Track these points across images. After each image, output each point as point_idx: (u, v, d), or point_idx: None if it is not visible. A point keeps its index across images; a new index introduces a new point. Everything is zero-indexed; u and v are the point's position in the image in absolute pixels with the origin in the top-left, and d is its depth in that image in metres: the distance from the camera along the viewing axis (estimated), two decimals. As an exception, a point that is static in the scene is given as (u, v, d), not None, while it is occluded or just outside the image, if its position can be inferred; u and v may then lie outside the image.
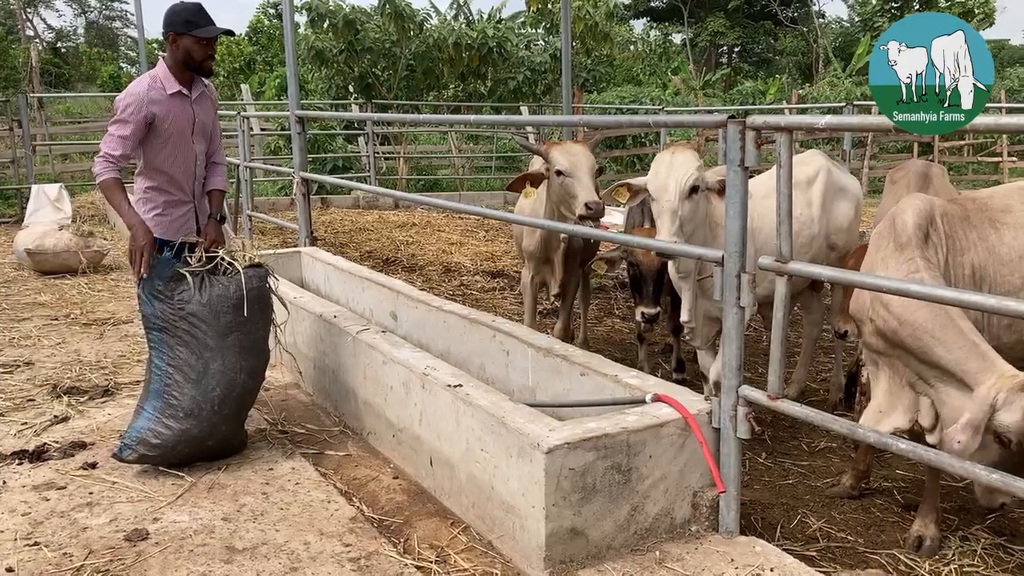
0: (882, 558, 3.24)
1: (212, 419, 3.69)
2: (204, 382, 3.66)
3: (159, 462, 3.68)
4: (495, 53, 16.17)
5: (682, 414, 3.07)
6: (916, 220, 3.12)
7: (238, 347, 3.72)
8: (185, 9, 3.76)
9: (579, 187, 4.16)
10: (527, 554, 2.94)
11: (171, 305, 3.62)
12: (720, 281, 3.00)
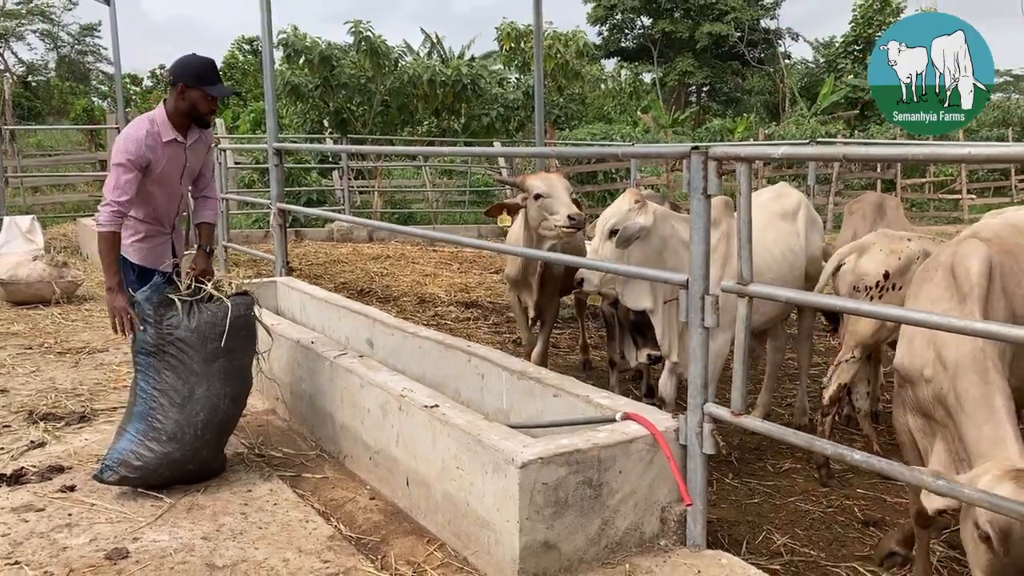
0: (843, 571, 3.37)
1: (194, 443, 3.75)
2: (188, 407, 3.72)
3: (139, 484, 3.73)
4: (469, 90, 16.48)
5: (650, 431, 3.20)
6: (981, 268, 2.85)
7: (223, 373, 3.80)
8: (200, 64, 3.86)
9: (558, 204, 4.36)
10: (501, 568, 3.03)
11: (159, 330, 3.70)
12: (686, 303, 3.15)
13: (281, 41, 15.69)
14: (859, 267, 4.17)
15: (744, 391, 3.08)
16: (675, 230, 3.77)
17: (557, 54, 16.99)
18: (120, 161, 3.77)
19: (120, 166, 3.76)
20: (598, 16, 44.14)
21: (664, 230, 3.76)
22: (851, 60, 36.06)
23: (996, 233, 3.19)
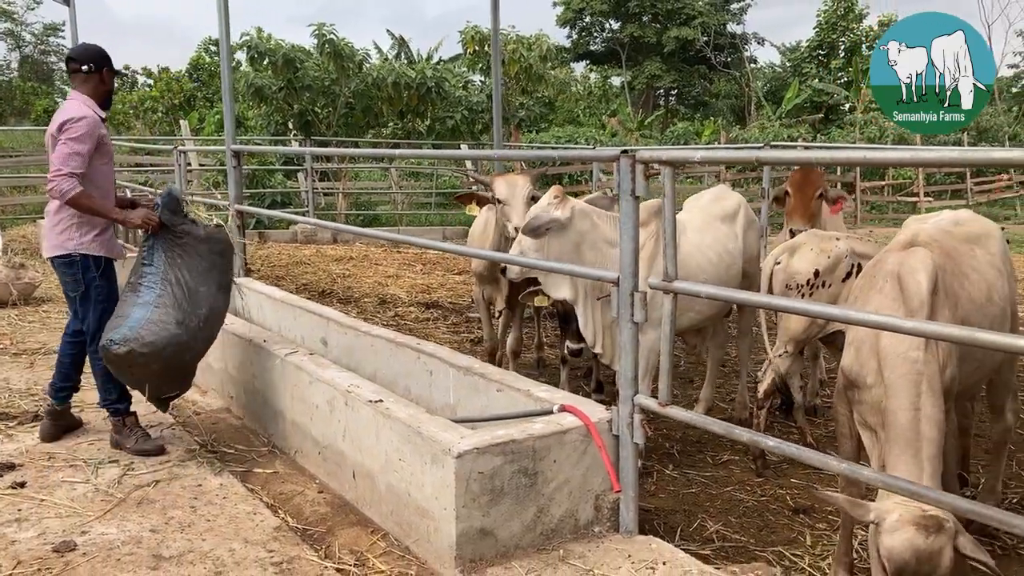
0: (769, 555, 3.54)
1: (196, 333, 4.14)
2: (194, 299, 4.13)
3: (142, 364, 3.98)
4: (433, 93, 16.59)
5: (584, 422, 3.34)
6: (929, 283, 2.91)
7: (217, 283, 4.29)
8: (104, 50, 4.36)
9: (513, 213, 4.50)
10: (440, 554, 3.15)
11: (174, 232, 4.17)
12: (616, 299, 3.30)
13: (244, 43, 15.69)
14: (791, 266, 4.36)
15: (669, 383, 3.23)
16: (596, 227, 3.93)
17: (520, 58, 17.15)
18: (79, 135, 4.01)
19: (78, 140, 4.01)
20: (567, 19, 44.43)
21: (582, 225, 3.91)
22: (816, 64, 36.66)
23: (933, 237, 3.32)
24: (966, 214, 3.74)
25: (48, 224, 4.28)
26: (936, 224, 3.59)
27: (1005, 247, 3.64)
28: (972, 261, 3.35)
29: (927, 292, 2.90)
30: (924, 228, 3.49)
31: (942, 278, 3.03)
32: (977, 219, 3.71)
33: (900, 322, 2.56)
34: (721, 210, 4.61)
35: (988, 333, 2.37)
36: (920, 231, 3.42)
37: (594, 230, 3.93)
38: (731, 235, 4.53)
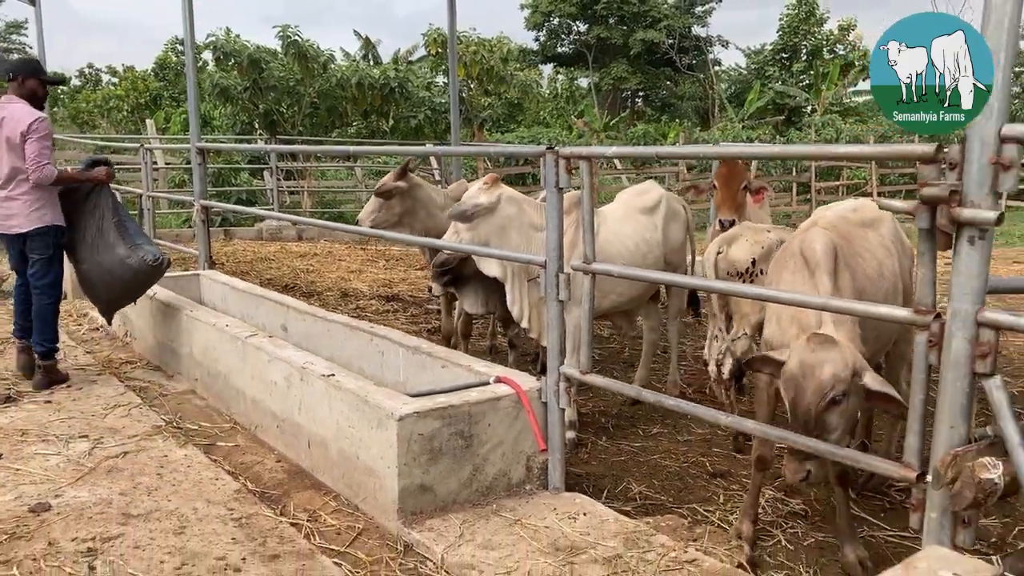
0: (684, 510, 3.93)
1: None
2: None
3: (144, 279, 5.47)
4: (397, 93, 16.92)
5: (515, 390, 3.71)
6: (825, 246, 3.34)
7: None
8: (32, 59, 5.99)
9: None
10: (384, 509, 3.51)
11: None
12: (544, 280, 3.68)
13: (209, 44, 15.89)
14: (730, 255, 4.77)
15: (589, 353, 3.62)
16: (523, 212, 4.32)
17: (481, 59, 17.52)
18: (45, 132, 5.06)
19: (46, 136, 5.06)
20: (535, 22, 44.83)
21: (509, 211, 4.29)
22: (778, 67, 37.43)
23: (832, 222, 3.76)
24: (863, 202, 4.20)
25: (21, 205, 5.14)
26: (836, 211, 4.05)
27: (897, 229, 4.09)
28: (865, 242, 3.79)
29: (823, 253, 3.31)
30: (825, 215, 3.95)
31: (841, 255, 3.44)
32: (872, 206, 4.16)
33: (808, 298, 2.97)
34: (642, 203, 5.01)
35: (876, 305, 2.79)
36: (821, 217, 3.88)
37: (521, 215, 4.32)
38: (650, 226, 4.93)
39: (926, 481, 2.44)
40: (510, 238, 4.31)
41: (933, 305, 2.45)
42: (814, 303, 2.99)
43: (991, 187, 2.26)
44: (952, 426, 2.38)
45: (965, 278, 2.32)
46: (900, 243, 4.06)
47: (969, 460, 2.30)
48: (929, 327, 2.42)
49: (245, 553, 3.22)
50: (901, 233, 4.13)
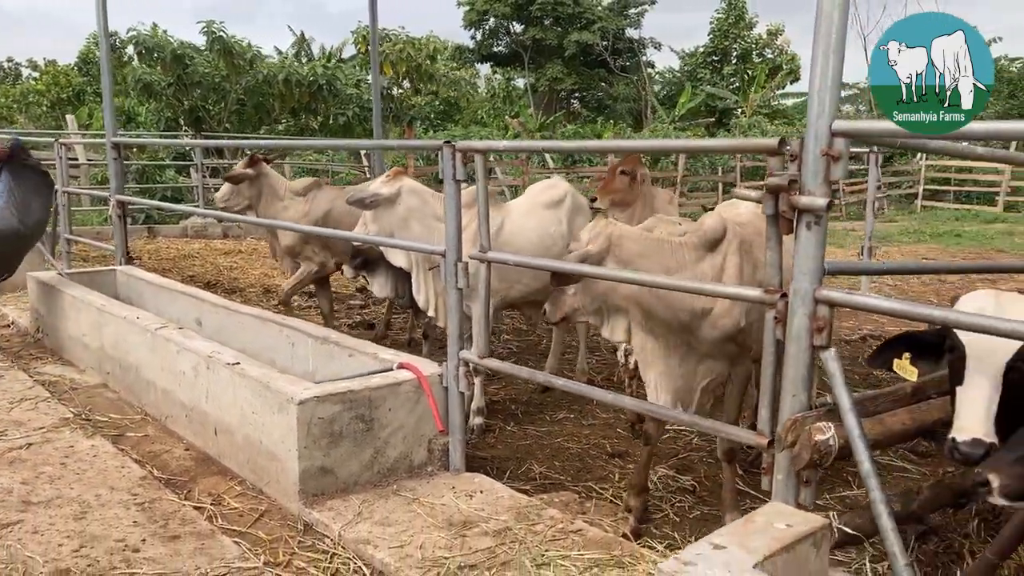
0: (580, 488, 4.13)
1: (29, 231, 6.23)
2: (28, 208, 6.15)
3: None
4: (325, 90, 16.87)
5: (416, 375, 3.86)
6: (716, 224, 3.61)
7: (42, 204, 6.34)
8: None
9: None
10: (286, 491, 3.62)
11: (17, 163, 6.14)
12: (444, 269, 3.83)
13: (131, 39, 15.60)
14: None
15: (487, 338, 3.79)
16: (426, 204, 4.52)
17: (408, 57, 17.60)
18: None
19: None
20: (472, 20, 44.91)
21: (410, 202, 4.49)
22: (709, 70, 38.28)
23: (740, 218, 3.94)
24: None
25: None
26: (748, 208, 4.31)
27: None
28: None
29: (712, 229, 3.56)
30: (738, 211, 4.20)
31: (747, 245, 3.66)
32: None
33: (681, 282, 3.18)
34: (548, 198, 5.22)
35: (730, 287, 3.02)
36: (734, 213, 4.11)
37: (423, 207, 4.50)
38: (555, 220, 5.14)
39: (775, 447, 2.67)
40: (412, 229, 4.47)
41: (780, 286, 2.68)
42: (689, 287, 3.20)
43: (824, 177, 2.50)
44: (795, 395, 2.62)
45: (803, 259, 2.56)
46: None
47: (807, 425, 2.54)
48: (776, 305, 2.65)
49: (146, 535, 3.29)
50: None
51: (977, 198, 24.88)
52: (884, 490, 2.45)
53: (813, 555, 2.33)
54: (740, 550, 2.19)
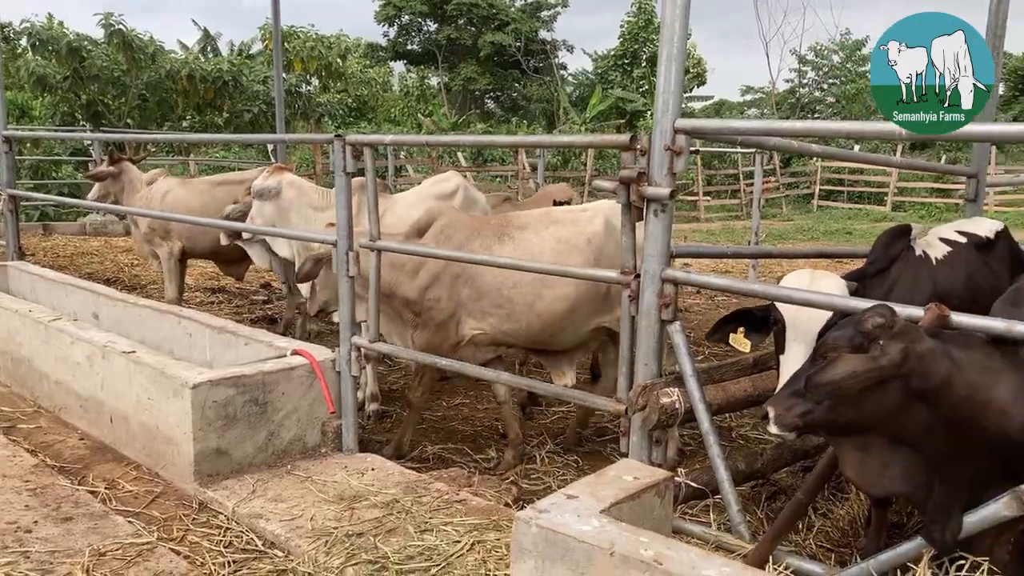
0: (466, 464, 4.37)
1: None
2: None
3: None
4: (231, 86, 16.65)
5: (309, 360, 4.02)
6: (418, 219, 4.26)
7: None
8: None
9: None
10: (182, 473, 3.73)
11: None
12: (336, 258, 4.01)
13: (25, 30, 15.07)
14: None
15: (377, 323, 3.99)
16: (303, 195, 4.73)
17: (319, 55, 17.54)
18: None
19: None
20: (385, 16, 44.66)
21: (289, 195, 4.68)
22: (620, 72, 39.11)
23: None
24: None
25: None
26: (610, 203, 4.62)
27: None
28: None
29: (419, 220, 4.21)
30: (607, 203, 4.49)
31: (449, 230, 4.16)
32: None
33: (527, 263, 3.46)
34: (438, 190, 5.45)
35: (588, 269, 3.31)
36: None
37: (301, 198, 4.68)
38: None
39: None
40: (291, 220, 4.68)
41: (634, 267, 2.98)
42: (534, 267, 3.49)
43: (668, 169, 2.80)
44: (646, 364, 2.91)
45: (652, 243, 2.86)
46: None
47: (655, 390, 2.84)
48: (630, 285, 2.94)
49: (38, 517, 3.36)
50: None
51: (868, 198, 26.29)
52: (721, 446, 2.77)
53: (658, 503, 2.62)
54: (590, 499, 2.46)
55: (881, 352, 2.06)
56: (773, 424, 2.20)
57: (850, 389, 2.07)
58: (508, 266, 3.72)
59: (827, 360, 2.12)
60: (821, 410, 2.15)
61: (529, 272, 3.81)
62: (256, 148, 18.55)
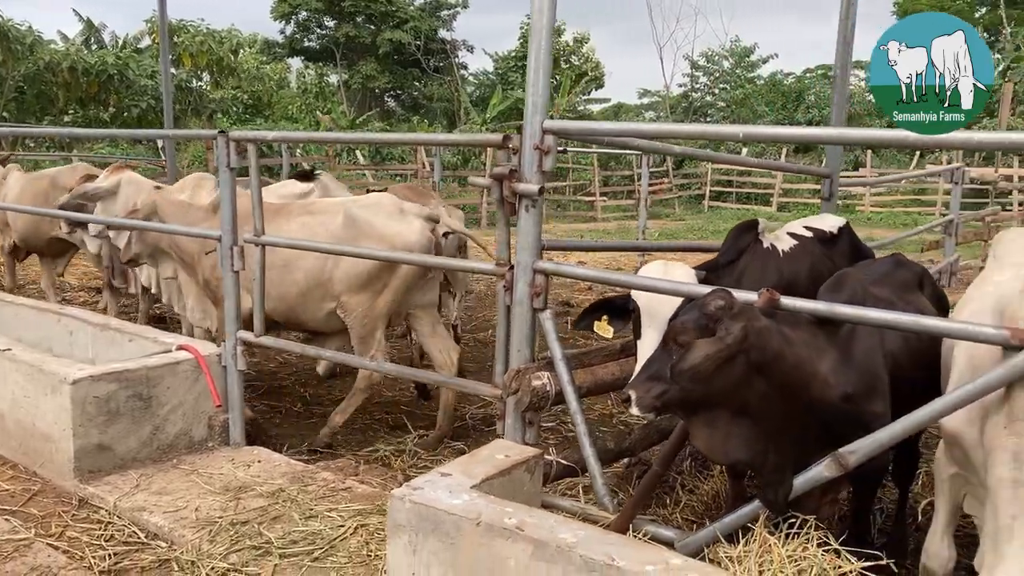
0: (358, 456, 4.46)
1: None
2: None
3: None
4: (117, 80, 16.05)
5: (194, 355, 4.04)
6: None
7: None
8: None
9: None
10: (61, 469, 3.69)
11: None
12: (220, 253, 4.03)
13: None
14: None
15: (263, 318, 4.04)
16: (141, 193, 4.85)
17: (209, 50, 17.11)
18: None
19: None
20: (281, 13, 43.79)
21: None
22: (520, 73, 39.49)
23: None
24: None
25: None
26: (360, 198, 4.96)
27: None
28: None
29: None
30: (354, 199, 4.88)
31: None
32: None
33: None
34: (289, 191, 5.57)
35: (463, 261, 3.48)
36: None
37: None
38: None
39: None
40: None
41: (508, 260, 3.15)
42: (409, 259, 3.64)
43: (538, 167, 2.99)
44: (519, 350, 3.09)
45: (524, 237, 3.04)
46: None
47: (527, 375, 3.02)
48: (505, 276, 3.12)
49: (-95, 518, 3.28)
50: None
51: (755, 199, 27.52)
52: (588, 424, 2.98)
53: (528, 479, 2.80)
54: (462, 476, 2.62)
55: (726, 332, 2.29)
56: (635, 406, 2.38)
57: (707, 370, 2.29)
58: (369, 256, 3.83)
59: (684, 349, 2.32)
60: (676, 390, 2.35)
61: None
62: (145, 145, 17.96)
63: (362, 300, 4.37)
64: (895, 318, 2.27)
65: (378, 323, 4.47)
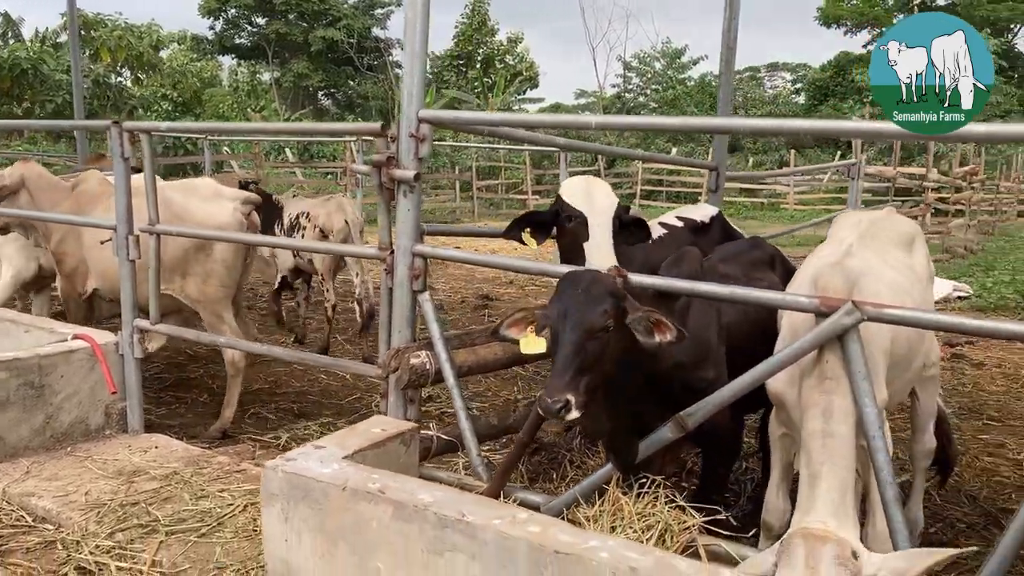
0: (284, 435, 4.53)
1: None
2: None
3: None
4: (31, 75, 15.63)
5: (90, 344, 4.07)
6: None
7: None
8: None
9: None
10: (-53, 459, 3.69)
11: None
12: (116, 242, 4.08)
13: None
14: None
15: (157, 305, 4.10)
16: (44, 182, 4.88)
17: (128, 44, 16.79)
18: None
19: None
20: (210, 9, 43.03)
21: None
22: (455, 73, 39.56)
23: None
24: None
25: None
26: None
27: None
28: None
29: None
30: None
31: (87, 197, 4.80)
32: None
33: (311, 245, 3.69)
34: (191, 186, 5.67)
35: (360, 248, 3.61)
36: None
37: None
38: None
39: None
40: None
41: (389, 244, 3.29)
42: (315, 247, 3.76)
43: (414, 154, 3.13)
44: (400, 331, 3.23)
45: (403, 222, 3.18)
46: None
47: (406, 353, 3.16)
48: (386, 260, 3.25)
49: None
50: None
51: (684, 197, 28.13)
52: (464, 400, 3.13)
53: (403, 451, 2.94)
54: (336, 448, 2.75)
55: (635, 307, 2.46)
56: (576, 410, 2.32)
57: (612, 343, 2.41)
58: (304, 248, 3.94)
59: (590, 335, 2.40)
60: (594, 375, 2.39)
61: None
62: (66, 140, 17.49)
63: (189, 284, 4.55)
64: (723, 290, 2.49)
65: (219, 307, 4.61)
